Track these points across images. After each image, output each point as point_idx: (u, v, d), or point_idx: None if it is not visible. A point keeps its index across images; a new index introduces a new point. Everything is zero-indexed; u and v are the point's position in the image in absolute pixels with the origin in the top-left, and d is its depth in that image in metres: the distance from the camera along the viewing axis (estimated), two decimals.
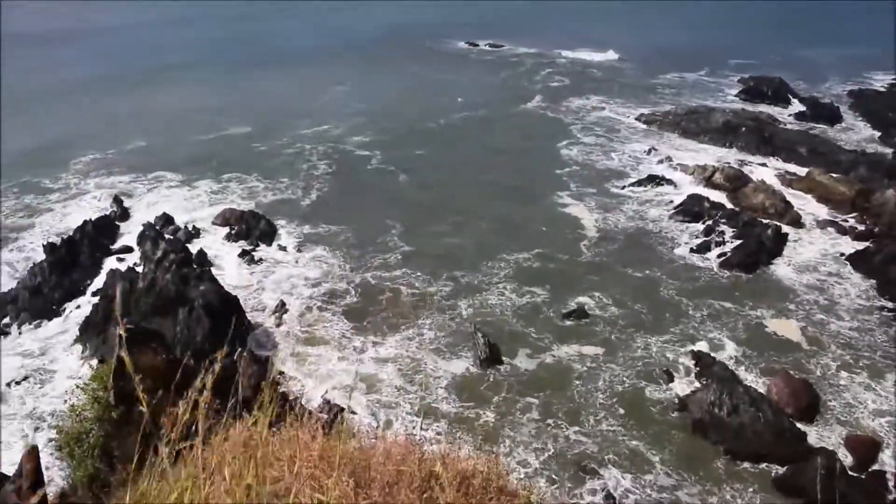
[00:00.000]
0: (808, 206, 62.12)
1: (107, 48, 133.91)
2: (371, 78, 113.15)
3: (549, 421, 35.04)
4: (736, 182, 64.43)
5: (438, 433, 33.65)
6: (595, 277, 49.53)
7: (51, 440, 19.40)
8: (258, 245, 54.01)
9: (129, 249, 53.43)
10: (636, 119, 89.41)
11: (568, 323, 43.87)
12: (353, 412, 34.74)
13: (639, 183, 66.09)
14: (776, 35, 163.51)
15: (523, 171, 70.38)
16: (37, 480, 16.64)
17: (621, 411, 36.01)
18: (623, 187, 65.98)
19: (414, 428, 32.97)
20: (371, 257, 52.02)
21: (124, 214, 59.72)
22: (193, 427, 6.79)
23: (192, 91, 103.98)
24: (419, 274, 49.42)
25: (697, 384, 38.11)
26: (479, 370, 38.75)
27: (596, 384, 38.02)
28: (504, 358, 39.99)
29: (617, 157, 75.12)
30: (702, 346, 41.57)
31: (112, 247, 54.03)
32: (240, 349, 33.12)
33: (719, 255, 52.56)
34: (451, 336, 42.10)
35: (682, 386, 38.19)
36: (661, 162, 72.24)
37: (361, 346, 41.24)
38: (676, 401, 36.88)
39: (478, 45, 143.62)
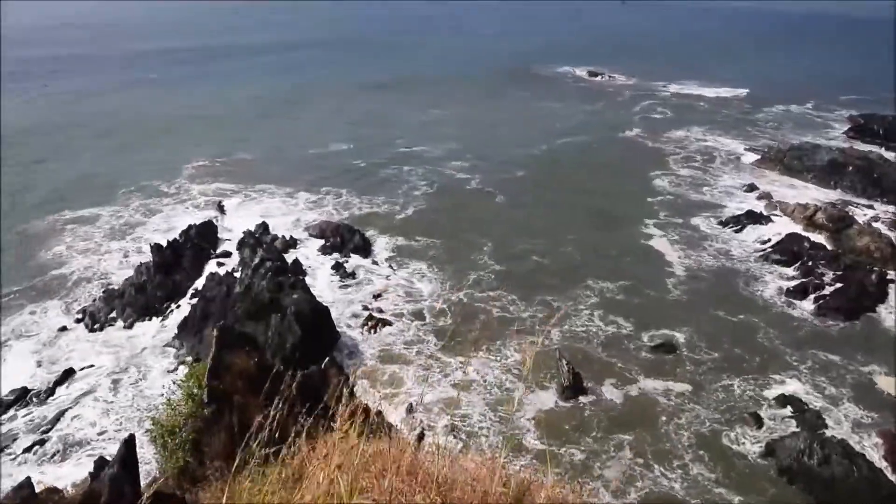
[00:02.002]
0: None
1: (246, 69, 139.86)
2: (470, 101, 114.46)
3: (640, 460, 34.16)
4: (839, 223, 61.68)
5: (524, 465, 33.37)
6: (682, 314, 48.32)
7: (147, 431, 20.24)
8: (351, 258, 55.15)
9: (228, 254, 55.48)
10: (736, 153, 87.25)
11: (655, 357, 42.94)
12: (437, 432, 34.87)
13: (735, 219, 64.14)
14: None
15: (615, 198, 69.71)
16: (132, 468, 17.53)
17: (708, 453, 34.85)
18: (717, 222, 64.26)
19: (499, 454, 32.39)
20: (463, 276, 52.39)
21: (226, 221, 62.17)
22: (278, 432, 7.07)
23: (299, 108, 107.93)
24: (509, 296, 49.44)
25: (786, 430, 36.60)
26: (563, 399, 38.26)
27: (682, 423, 36.98)
28: (588, 384, 39.41)
29: (712, 191, 73.43)
30: (792, 391, 39.89)
31: (213, 251, 56.25)
32: (327, 359, 33.77)
33: (816, 299, 50.19)
34: (536, 361, 41.73)
35: (770, 431, 36.75)
36: (759, 198, 70.07)
37: (448, 365, 41.43)
38: (763, 446, 35.50)
39: (577, 73, 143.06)
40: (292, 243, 57.36)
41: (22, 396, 38.30)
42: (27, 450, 34.40)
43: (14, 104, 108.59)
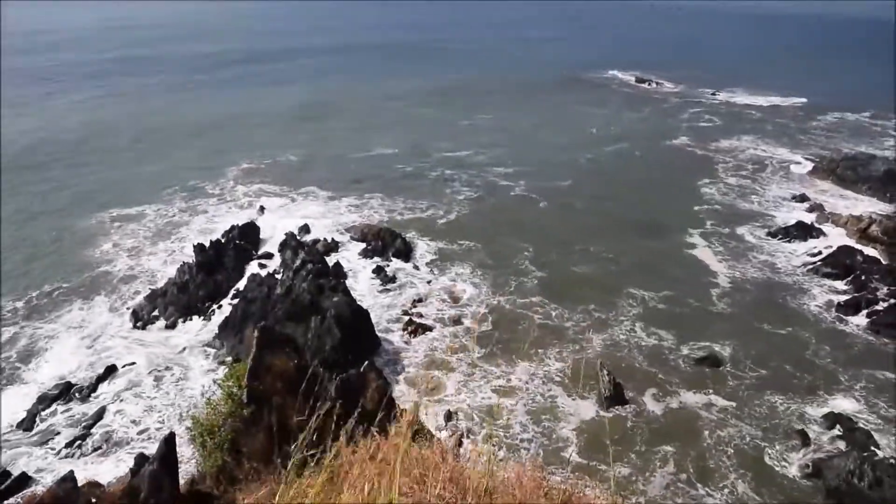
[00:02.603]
0: None
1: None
2: (514, 106, 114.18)
3: (683, 476, 33.33)
4: (895, 236, 59.76)
5: (566, 476, 32.73)
6: (726, 326, 47.19)
7: (187, 429, 20.27)
8: (392, 262, 55.11)
9: (269, 256, 55.84)
10: (788, 163, 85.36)
11: (697, 369, 41.97)
12: (477, 439, 34.52)
13: (784, 230, 62.58)
14: None
15: (659, 206, 68.69)
16: (172, 465, 17.54)
17: (751, 471, 33.84)
18: (765, 233, 62.82)
19: (539, 462, 31.97)
20: (505, 281, 52.09)
21: (268, 222, 62.64)
22: (316, 434, 6.92)
23: (343, 111, 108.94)
24: (551, 303, 48.95)
25: (835, 450, 35.37)
26: (604, 409, 37.60)
27: (725, 438, 36.05)
28: (629, 395, 38.69)
29: (761, 201, 71.90)
30: (842, 409, 38.54)
31: (255, 252, 56.66)
32: (366, 363, 33.68)
33: (870, 315, 48.55)
34: (577, 369, 41.16)
35: (817, 450, 35.55)
36: (810, 210, 68.30)
37: (489, 371, 41.05)
38: (810, 465, 34.35)
39: (623, 78, 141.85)
40: (334, 246, 57.55)
41: (66, 391, 38.88)
42: (69, 444, 34.89)
43: (65, 106, 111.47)
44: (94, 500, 16.00)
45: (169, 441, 17.94)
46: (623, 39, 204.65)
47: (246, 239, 57.76)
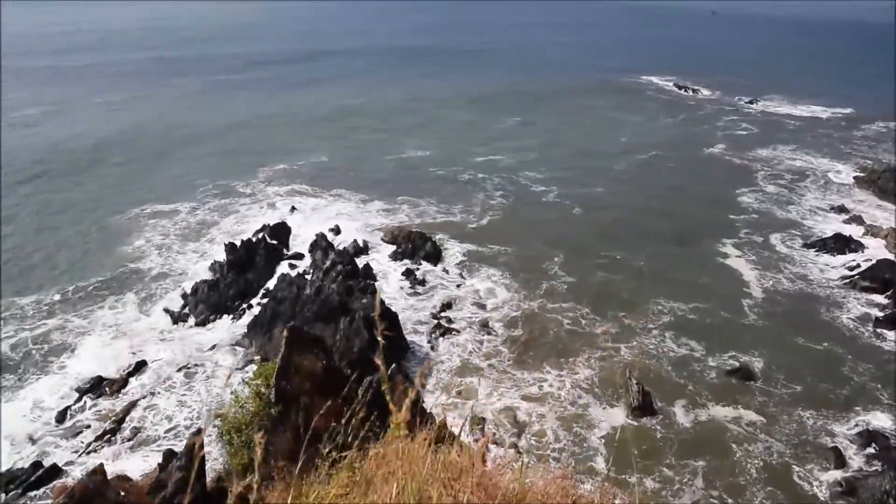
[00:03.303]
0: None
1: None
2: (548, 111, 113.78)
3: (713, 492, 32.56)
4: None
5: (595, 486, 32.22)
6: (758, 338, 46.24)
7: (214, 426, 20.37)
8: (422, 265, 55.10)
9: (300, 256, 56.11)
10: (827, 173, 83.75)
11: (728, 382, 41.19)
12: (506, 445, 34.31)
13: (821, 241, 61.36)
14: None
15: (693, 215, 67.86)
16: (199, 461, 17.61)
17: (783, 488, 33.04)
18: (801, 244, 61.67)
19: (568, 471, 31.92)
20: (535, 287, 51.72)
21: (299, 223, 62.99)
22: (344, 435, 6.85)
23: (376, 114, 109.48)
24: (581, 309, 48.55)
25: (869, 469, 34.49)
26: (632, 418, 37.15)
27: (755, 454, 35.28)
28: (658, 404, 38.18)
29: (798, 211, 70.64)
30: (878, 427, 37.58)
31: (285, 252, 56.97)
32: (394, 365, 33.68)
33: None
34: (605, 377, 40.79)
35: (851, 468, 34.68)
36: (849, 221, 66.98)
37: (517, 377, 40.80)
38: (843, 484, 33.49)
39: (659, 84, 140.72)
40: (364, 248, 57.69)
41: (97, 385, 39.38)
42: (98, 438, 35.29)
43: (104, 106, 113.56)
44: (122, 494, 16.12)
45: (197, 437, 18.05)
46: (658, 44, 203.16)
47: (277, 239, 58.15)
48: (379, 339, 6.35)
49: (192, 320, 47.56)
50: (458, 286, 52.08)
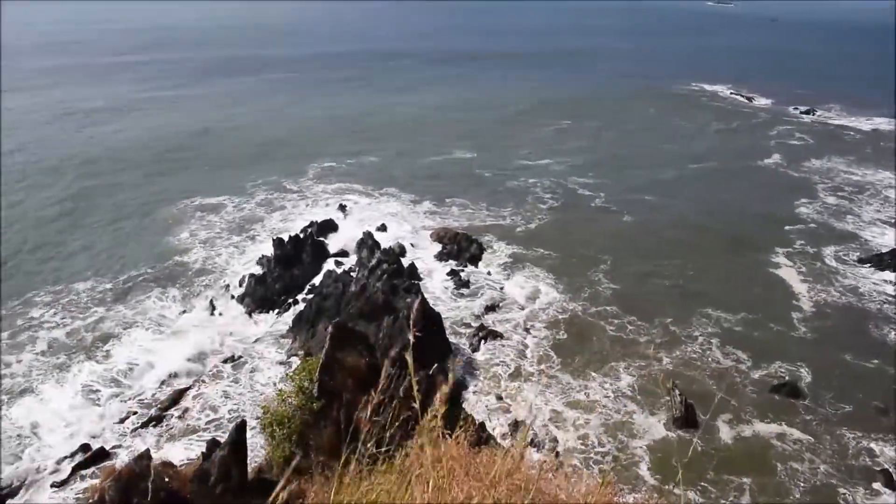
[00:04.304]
0: None
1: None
2: (597, 115, 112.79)
3: None
4: None
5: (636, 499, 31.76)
6: (806, 353, 44.96)
7: (257, 419, 20.69)
8: (467, 266, 55.10)
9: (346, 254, 56.57)
10: (888, 189, 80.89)
11: (773, 397, 40.08)
12: (547, 449, 34.16)
13: (877, 257, 59.48)
14: None
15: (745, 224, 66.43)
16: (241, 452, 17.91)
17: None
18: (856, 258, 59.99)
19: (610, 477, 31.07)
20: (580, 292, 51.34)
21: (347, 221, 63.56)
22: (386, 433, 6.91)
23: (424, 114, 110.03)
24: (626, 316, 48.04)
25: None
26: (673, 430, 36.58)
27: (800, 473, 34.23)
28: (700, 416, 37.48)
29: (856, 223, 68.64)
30: None
31: (332, 249, 57.52)
32: (436, 365, 33.71)
33: None
34: (648, 386, 40.27)
35: None
36: None
37: (559, 382, 40.52)
38: None
39: (712, 91, 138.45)
40: (410, 248, 57.93)
41: (143, 373, 40.34)
42: (145, 424, 36.09)
43: (167, 104, 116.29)
44: (166, 479, 16.48)
45: (240, 428, 18.38)
46: (713, 51, 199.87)
47: (324, 236, 58.79)
48: (410, 337, 6.41)
49: (238, 313, 48.32)
50: (503, 289, 51.95)
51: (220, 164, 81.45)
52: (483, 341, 44.41)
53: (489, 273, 54.28)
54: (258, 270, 52.44)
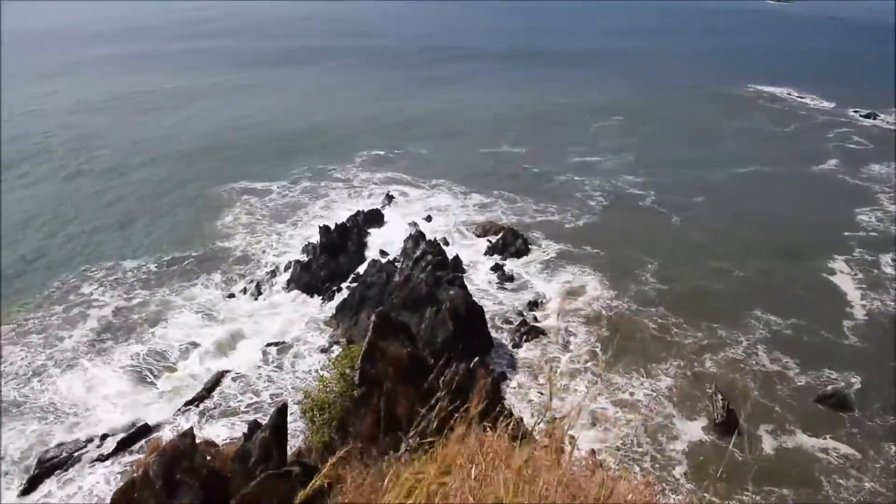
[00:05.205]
0: None
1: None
2: (645, 114, 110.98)
3: None
4: None
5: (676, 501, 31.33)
6: (857, 363, 43.53)
7: (298, 403, 20.93)
8: (512, 261, 54.88)
9: (391, 244, 56.78)
10: None
11: (820, 408, 38.87)
12: (586, 448, 33.93)
13: None
14: None
15: (798, 229, 64.36)
16: (282, 435, 18.14)
17: None
18: None
19: (651, 478, 30.96)
20: (625, 292, 50.70)
21: (393, 211, 63.85)
22: (425, 421, 6.93)
23: (472, 108, 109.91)
24: (672, 318, 47.26)
25: None
26: (713, 435, 35.95)
27: (846, 490, 33.05)
28: (742, 423, 36.74)
29: None
30: None
31: (377, 239, 57.81)
32: (476, 359, 33.67)
33: None
34: (690, 388, 39.63)
35: None
36: None
37: (602, 380, 40.14)
38: None
39: (767, 92, 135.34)
40: (455, 240, 57.95)
41: (186, 353, 41.28)
42: (189, 403, 36.84)
43: (231, 92, 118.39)
44: (208, 458, 16.78)
45: (281, 412, 18.59)
46: (770, 52, 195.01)
47: (370, 225, 59.14)
48: None
49: (282, 298, 48.94)
50: (548, 285, 51.63)
51: (271, 149, 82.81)
52: (525, 337, 44.18)
53: (534, 268, 53.99)
54: (304, 257, 53.01)
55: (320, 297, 49.09)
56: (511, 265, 54.13)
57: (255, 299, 48.75)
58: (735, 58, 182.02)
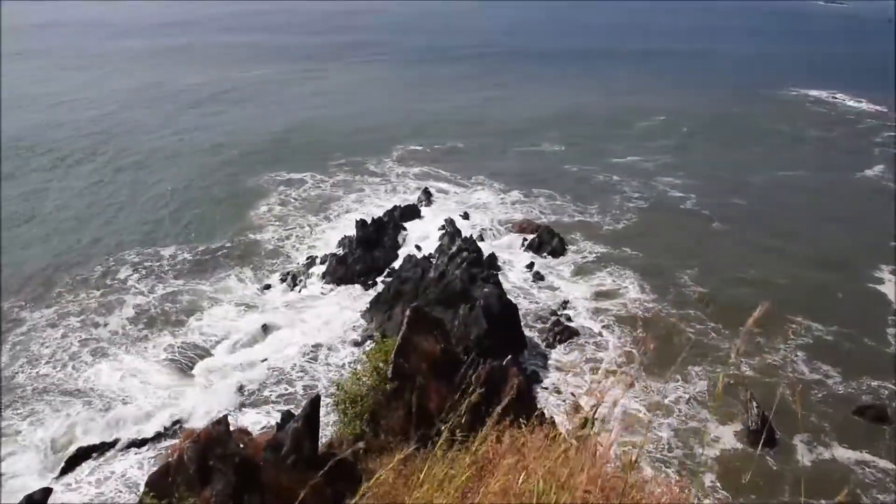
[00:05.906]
0: None
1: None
2: (689, 117, 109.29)
3: None
4: None
5: None
6: None
7: (331, 395, 21.06)
8: (548, 260, 54.61)
9: (426, 239, 56.87)
10: None
11: (858, 421, 37.86)
12: (623, 451, 33.51)
13: None
14: None
15: (845, 237, 62.43)
16: (314, 426, 18.26)
17: None
18: None
19: (684, 481, 30.02)
20: (662, 295, 50.08)
21: (430, 207, 63.93)
22: (457, 416, 6.92)
23: (510, 106, 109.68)
24: (709, 322, 46.61)
25: None
26: (747, 443, 35.31)
27: None
28: (777, 433, 36.01)
29: None
30: None
31: (413, 234, 57.98)
32: (509, 357, 33.56)
33: None
34: (725, 394, 38.87)
35: None
36: None
37: (634, 382, 39.52)
38: None
39: (809, 96, 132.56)
40: (491, 237, 57.85)
41: (219, 344, 41.86)
42: (224, 392, 37.32)
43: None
44: (241, 445, 16.96)
45: (314, 403, 18.71)
46: (817, 54, 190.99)
47: (406, 220, 59.29)
48: None
49: (317, 291, 49.30)
50: (583, 285, 51.27)
51: (309, 140, 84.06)
52: (559, 337, 43.91)
53: (570, 268, 53.64)
54: (339, 251, 53.33)
55: (355, 291, 49.34)
56: (547, 264, 53.83)
57: (291, 290, 49.19)
58: (780, 60, 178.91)
